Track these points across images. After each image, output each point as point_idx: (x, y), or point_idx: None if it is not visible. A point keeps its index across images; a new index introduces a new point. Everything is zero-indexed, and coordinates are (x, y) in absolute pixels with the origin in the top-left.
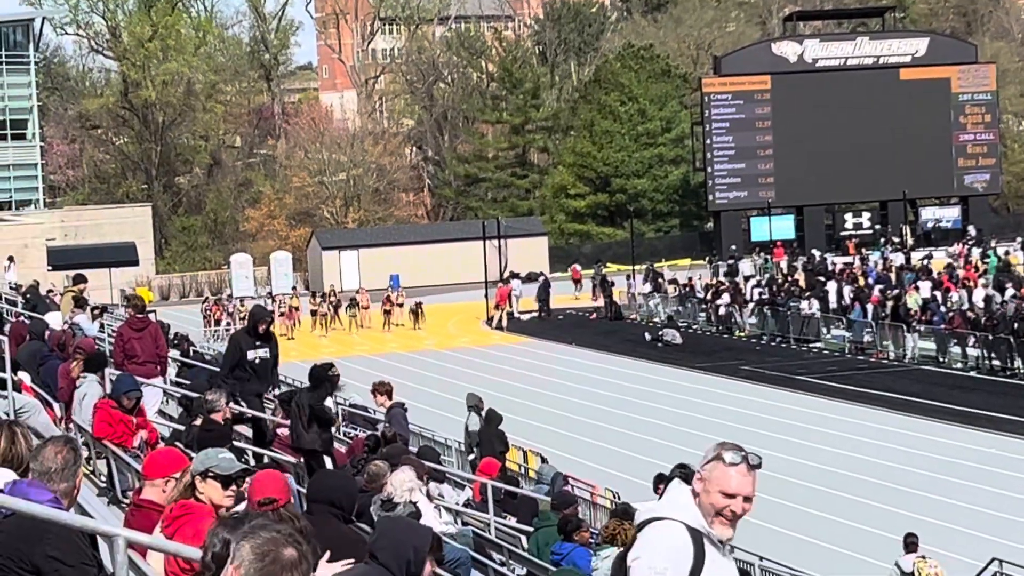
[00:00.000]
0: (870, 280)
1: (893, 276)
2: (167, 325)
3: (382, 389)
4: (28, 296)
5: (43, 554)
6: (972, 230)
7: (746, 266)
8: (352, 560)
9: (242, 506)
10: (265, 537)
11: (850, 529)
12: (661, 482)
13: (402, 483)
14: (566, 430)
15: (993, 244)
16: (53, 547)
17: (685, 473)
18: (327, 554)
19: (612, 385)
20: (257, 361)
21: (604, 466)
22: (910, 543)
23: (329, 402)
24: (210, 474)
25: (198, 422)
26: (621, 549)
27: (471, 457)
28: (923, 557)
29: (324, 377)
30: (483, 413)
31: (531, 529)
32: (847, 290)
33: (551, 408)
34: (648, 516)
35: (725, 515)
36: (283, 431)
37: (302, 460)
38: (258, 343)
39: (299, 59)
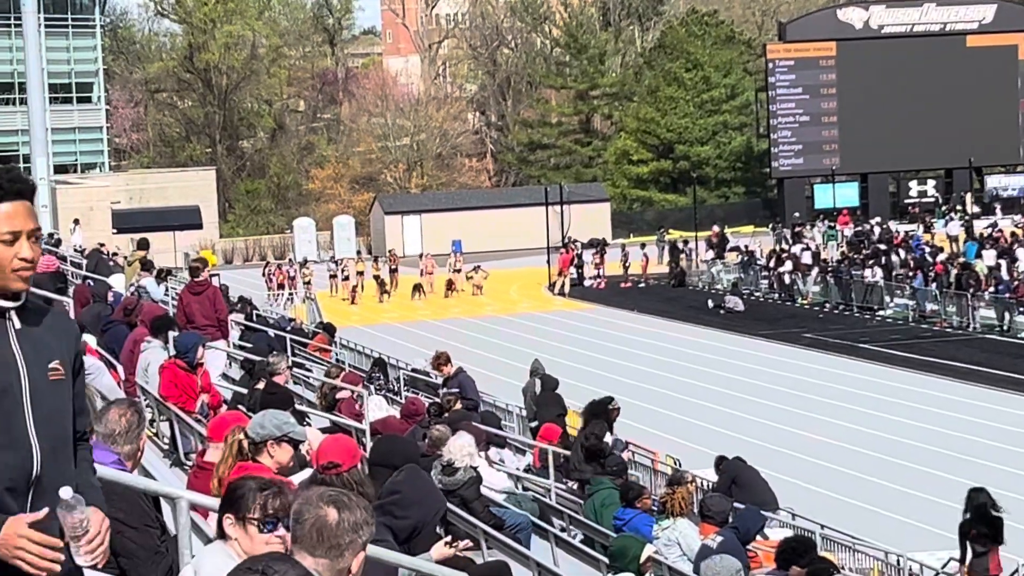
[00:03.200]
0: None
1: (952, 246)
2: (226, 288)
3: (442, 360)
4: (89, 258)
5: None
6: None
7: (816, 234)
8: (469, 543)
9: (308, 472)
10: (303, 499)
11: (912, 498)
12: (721, 463)
13: (461, 448)
14: (628, 396)
15: None
16: (117, 509)
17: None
18: (447, 536)
19: (674, 352)
20: None
21: (666, 432)
22: None
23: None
24: (286, 439)
25: (260, 385)
26: (679, 519)
27: (534, 424)
28: None
29: (604, 411)
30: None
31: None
32: (909, 258)
33: (612, 374)
34: None
35: None
36: (343, 393)
37: None
38: None
39: (362, 24)
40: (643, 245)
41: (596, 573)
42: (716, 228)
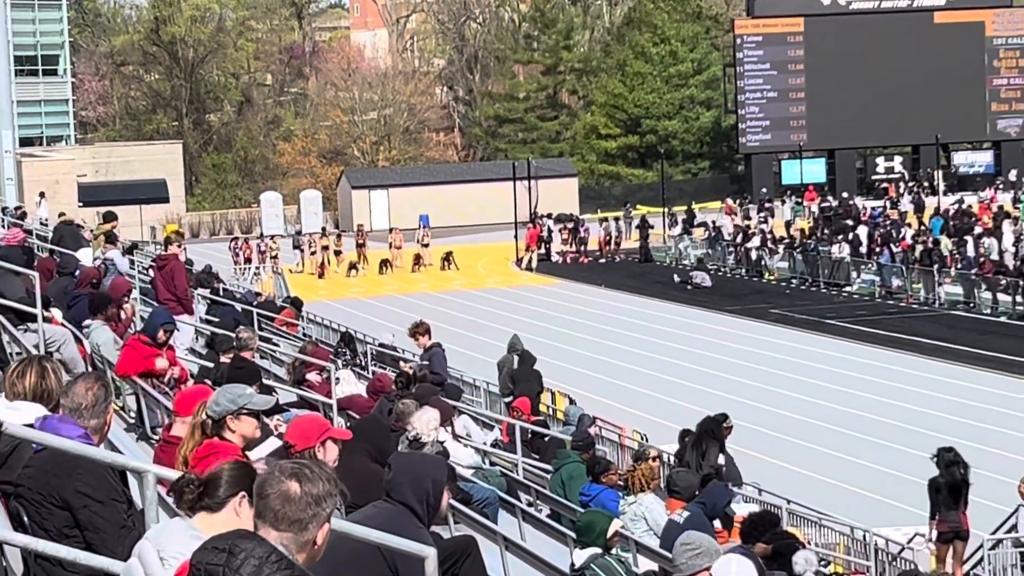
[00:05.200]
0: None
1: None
2: (191, 262)
3: (421, 329)
4: (55, 231)
5: (73, 489)
6: (1013, 175)
7: (785, 210)
8: None
9: (274, 442)
10: (265, 474)
11: (878, 473)
12: (686, 436)
13: (427, 423)
14: (595, 372)
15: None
16: (83, 482)
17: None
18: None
19: (641, 327)
20: None
21: (633, 408)
22: None
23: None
24: (244, 411)
25: (225, 359)
26: (644, 494)
27: (508, 399)
28: None
29: (717, 430)
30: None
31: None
32: (875, 234)
33: (580, 349)
34: None
35: None
36: (312, 377)
37: None
38: None
39: None
40: (603, 221)
41: (563, 548)
42: (730, 201)
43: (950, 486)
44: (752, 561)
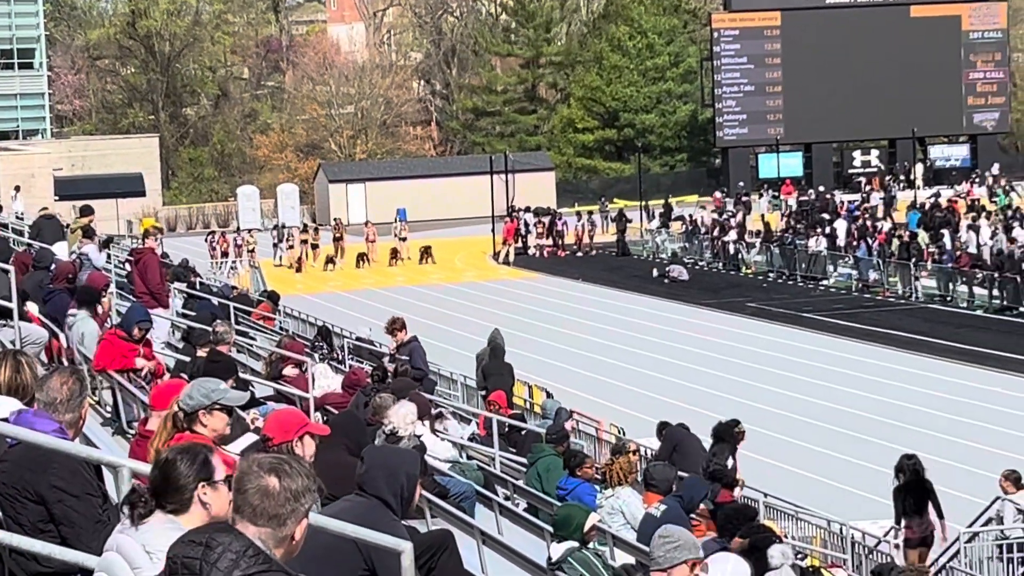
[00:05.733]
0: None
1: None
2: (167, 255)
3: (397, 325)
4: (33, 226)
5: (47, 484)
6: (996, 168)
7: (762, 204)
8: None
9: (250, 437)
10: (243, 468)
11: (854, 466)
12: (663, 429)
13: (403, 417)
14: (572, 365)
15: (1004, 183)
16: (57, 477)
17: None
18: None
19: (619, 321)
20: None
21: (610, 401)
22: (1015, 478)
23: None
24: (217, 406)
25: (202, 352)
26: (621, 488)
27: (483, 393)
28: None
29: (729, 434)
30: (489, 347)
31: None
32: (852, 228)
33: (557, 343)
34: None
35: None
36: (289, 371)
37: None
38: None
39: None
40: (578, 215)
41: (540, 541)
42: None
43: (915, 492)
44: (748, 564)
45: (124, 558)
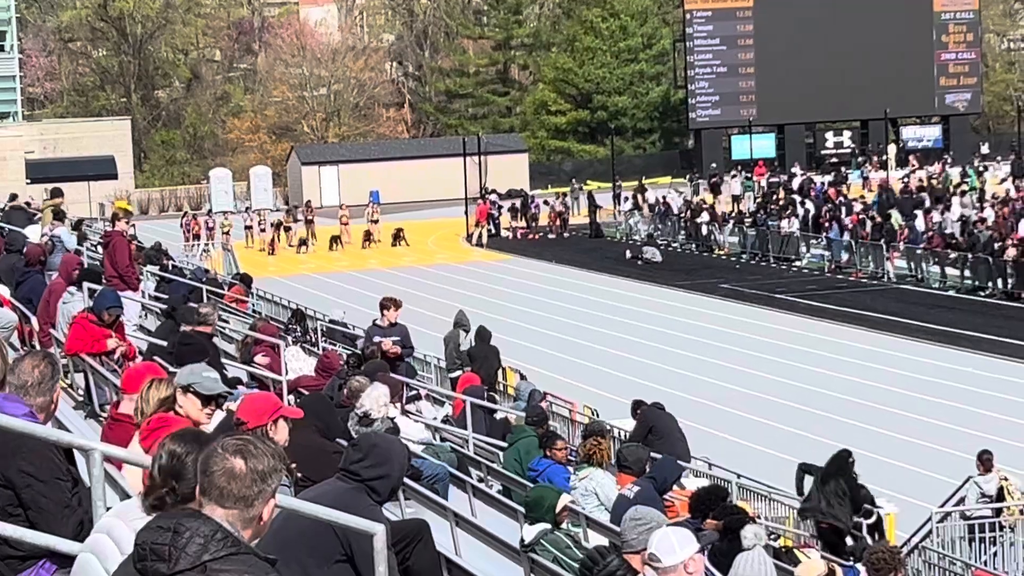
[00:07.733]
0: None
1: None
2: (136, 238)
3: (394, 304)
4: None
5: (16, 468)
6: (984, 148)
7: (734, 185)
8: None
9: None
10: (209, 450)
11: (827, 447)
12: (639, 407)
13: (376, 400)
14: (545, 347)
15: (976, 163)
16: (27, 462)
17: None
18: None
19: (592, 303)
20: None
21: (583, 383)
22: (986, 460)
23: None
24: (191, 389)
25: (187, 329)
26: (595, 469)
27: (456, 374)
28: (1005, 477)
29: (845, 466)
30: (473, 330)
31: (506, 445)
32: (823, 209)
33: (530, 325)
34: None
35: None
36: (260, 359)
37: None
38: None
39: None
40: (546, 201)
41: (514, 523)
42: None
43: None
44: (689, 529)
45: (114, 543)
